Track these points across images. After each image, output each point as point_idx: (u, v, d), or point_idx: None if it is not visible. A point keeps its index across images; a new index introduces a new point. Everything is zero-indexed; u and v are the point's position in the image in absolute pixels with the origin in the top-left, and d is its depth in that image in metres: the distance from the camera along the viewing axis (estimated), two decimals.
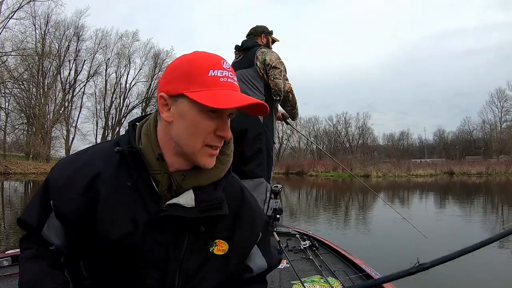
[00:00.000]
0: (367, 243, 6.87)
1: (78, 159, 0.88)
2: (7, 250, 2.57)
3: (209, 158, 0.83)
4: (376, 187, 22.16)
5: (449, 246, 4.63)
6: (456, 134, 61.28)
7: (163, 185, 0.83)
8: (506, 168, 34.11)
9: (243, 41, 2.98)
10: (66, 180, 0.84)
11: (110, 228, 0.80)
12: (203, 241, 0.86)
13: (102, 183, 0.82)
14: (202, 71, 0.79)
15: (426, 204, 14.21)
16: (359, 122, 58.65)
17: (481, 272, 4.95)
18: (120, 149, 0.83)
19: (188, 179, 0.83)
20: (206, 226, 0.85)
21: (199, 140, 0.80)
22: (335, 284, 2.16)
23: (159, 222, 0.81)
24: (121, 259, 0.81)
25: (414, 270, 0.93)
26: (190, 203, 0.82)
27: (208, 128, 0.80)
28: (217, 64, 0.81)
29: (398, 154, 53.33)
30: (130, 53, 42.13)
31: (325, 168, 36.59)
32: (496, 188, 21.65)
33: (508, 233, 1.09)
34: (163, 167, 0.83)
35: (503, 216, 10.77)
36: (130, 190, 0.81)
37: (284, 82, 2.81)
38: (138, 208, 0.81)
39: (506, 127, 52.55)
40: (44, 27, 34.48)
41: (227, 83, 0.80)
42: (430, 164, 39.06)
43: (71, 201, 0.82)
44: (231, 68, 0.83)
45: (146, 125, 0.87)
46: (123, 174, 0.83)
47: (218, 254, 0.87)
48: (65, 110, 38.04)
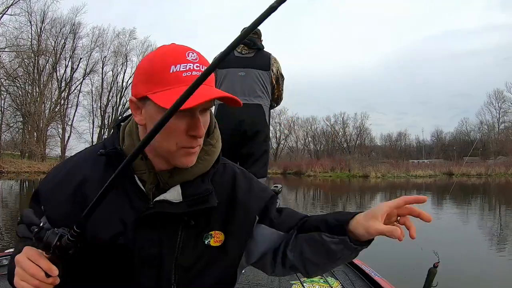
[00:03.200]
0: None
1: (66, 164, 0.91)
2: (6, 248, 2.64)
3: (188, 157, 0.80)
4: (376, 188, 22.14)
5: (450, 246, 4.45)
6: (454, 135, 61.58)
7: (150, 183, 0.82)
8: (506, 169, 34.10)
9: (254, 39, 2.97)
10: (54, 184, 0.86)
11: (100, 230, 0.79)
12: (197, 235, 0.84)
13: (89, 186, 0.83)
14: (163, 69, 0.75)
15: (433, 206, 14.11)
16: (357, 122, 58.90)
17: (480, 273, 4.98)
18: (103, 151, 0.83)
19: (175, 175, 0.83)
20: (200, 219, 0.84)
21: (171, 143, 0.77)
22: (334, 284, 2.18)
23: (148, 220, 0.80)
24: (114, 260, 0.80)
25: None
26: (177, 198, 0.81)
27: (178, 129, 0.76)
28: (179, 57, 0.76)
29: (395, 154, 53.47)
30: (127, 51, 41.88)
31: (323, 168, 36.52)
32: (499, 189, 21.65)
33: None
34: (148, 166, 0.82)
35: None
36: (117, 191, 0.79)
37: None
38: (126, 208, 0.81)
39: (504, 129, 52.73)
40: (40, 24, 34.25)
41: (191, 77, 0.74)
42: (428, 165, 39.02)
43: (59, 205, 0.83)
44: (198, 59, 0.77)
45: (129, 126, 0.87)
46: (109, 176, 0.75)
47: (215, 245, 0.85)
48: (61, 108, 37.71)
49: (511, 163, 35.43)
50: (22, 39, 31.84)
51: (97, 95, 41.07)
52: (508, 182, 27.37)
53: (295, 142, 59.14)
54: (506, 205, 13.84)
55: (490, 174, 33.46)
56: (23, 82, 32.99)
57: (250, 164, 2.79)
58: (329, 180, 30.49)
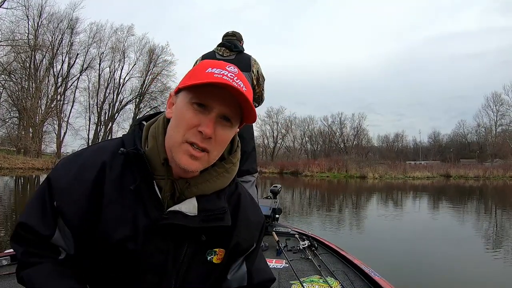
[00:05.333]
0: (366, 243, 6.76)
1: (82, 158, 0.85)
2: (5, 249, 2.58)
3: (188, 158, 0.77)
4: (375, 188, 22.12)
5: (449, 247, 4.32)
6: (451, 137, 61.72)
7: (166, 191, 0.81)
8: (504, 172, 34.14)
9: (234, 41, 3.08)
10: (69, 179, 0.81)
11: (111, 230, 0.78)
12: (203, 250, 0.85)
13: (107, 183, 0.80)
14: (201, 70, 0.79)
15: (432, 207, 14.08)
16: (354, 123, 58.90)
17: (478, 273, 5.00)
18: (125, 151, 0.81)
19: (192, 187, 0.82)
20: (207, 235, 0.84)
21: (180, 133, 0.77)
22: (334, 284, 2.17)
23: (160, 229, 0.80)
24: (120, 262, 0.79)
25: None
26: (192, 212, 0.81)
27: (190, 120, 0.76)
28: (219, 65, 0.80)
29: (392, 155, 53.44)
30: (124, 48, 41.59)
31: (320, 168, 36.40)
32: (498, 192, 21.61)
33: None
34: (167, 173, 0.81)
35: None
36: (133, 193, 0.79)
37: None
38: (140, 213, 0.79)
39: (501, 131, 52.82)
40: (38, 19, 33.97)
41: (220, 78, 0.76)
42: (425, 167, 39.02)
43: (76, 202, 0.79)
44: (237, 72, 0.80)
45: (155, 126, 0.85)
46: (127, 176, 0.81)
47: (217, 263, 0.86)
48: (57, 104, 37.37)
49: (509, 166, 35.51)
50: (19, 33, 31.55)
51: (93, 91, 40.89)
52: (507, 185, 27.40)
53: (292, 142, 59.13)
54: (505, 207, 13.78)
55: (488, 177, 33.44)
56: (19, 77, 32.65)
57: (244, 161, 2.80)
58: (326, 180, 30.39)
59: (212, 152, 0.79)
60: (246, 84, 0.79)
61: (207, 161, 0.80)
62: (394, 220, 9.90)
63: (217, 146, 0.79)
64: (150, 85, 42.86)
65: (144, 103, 42.39)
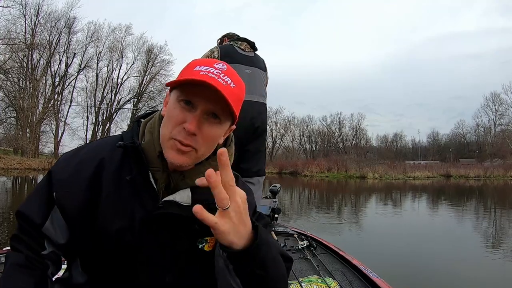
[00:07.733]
0: (366, 244, 6.77)
1: (82, 152, 0.89)
2: (4, 246, 2.56)
3: (176, 153, 0.80)
4: (375, 188, 22.07)
5: (448, 247, 4.21)
6: (450, 137, 61.71)
7: (161, 183, 0.84)
8: (504, 172, 34.00)
9: (253, 42, 3.03)
10: (69, 172, 0.85)
11: (108, 222, 0.82)
12: (196, 239, 0.87)
13: (105, 176, 0.84)
14: (190, 67, 0.82)
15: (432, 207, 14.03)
16: (353, 122, 58.84)
17: (478, 273, 5.02)
18: (122, 143, 0.84)
19: (186, 179, 0.84)
20: (199, 224, 0.84)
21: (168, 129, 0.80)
22: (332, 285, 2.18)
23: (155, 219, 0.82)
24: (117, 254, 0.82)
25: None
26: (186, 201, 0.84)
27: (177, 117, 0.79)
28: (207, 63, 0.81)
29: (391, 155, 53.38)
30: (122, 47, 41.19)
31: (320, 168, 36.26)
32: (500, 192, 21.54)
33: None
34: (163, 165, 0.83)
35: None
36: (129, 185, 0.83)
37: None
38: (136, 204, 0.83)
39: (500, 131, 52.80)
40: (35, 18, 33.72)
41: (206, 76, 0.78)
42: (425, 166, 38.91)
43: (74, 193, 0.83)
44: (225, 69, 0.81)
45: (151, 123, 0.89)
46: (125, 169, 0.85)
47: (208, 250, 0.87)
48: (55, 104, 37.11)
49: (509, 166, 35.43)
50: (15, 32, 31.34)
51: (91, 91, 40.47)
52: (507, 184, 27.33)
53: (291, 142, 59.04)
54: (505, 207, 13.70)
55: (489, 177, 33.33)
56: (16, 76, 32.44)
57: (257, 160, 2.84)
58: (326, 180, 30.30)
59: (199, 148, 0.80)
60: (235, 80, 0.80)
61: (196, 157, 0.81)
62: (393, 220, 9.86)
63: (204, 143, 0.80)
64: (148, 84, 42.63)
65: (142, 103, 42.10)
